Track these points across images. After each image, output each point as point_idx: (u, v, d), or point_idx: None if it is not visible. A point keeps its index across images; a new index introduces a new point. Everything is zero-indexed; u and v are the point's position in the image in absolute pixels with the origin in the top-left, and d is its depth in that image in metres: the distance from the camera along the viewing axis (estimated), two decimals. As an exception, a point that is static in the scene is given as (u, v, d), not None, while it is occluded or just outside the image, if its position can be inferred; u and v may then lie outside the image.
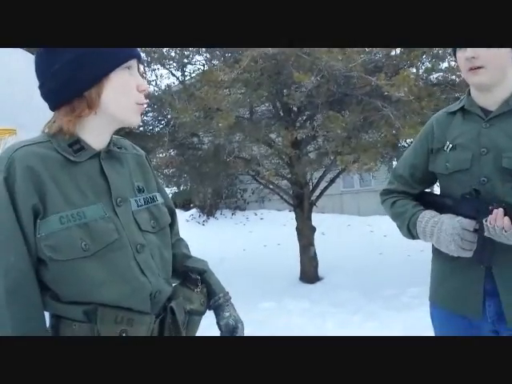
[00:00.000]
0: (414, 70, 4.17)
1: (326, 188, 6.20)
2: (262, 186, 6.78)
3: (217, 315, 1.17)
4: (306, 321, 4.20)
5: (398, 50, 4.37)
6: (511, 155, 1.26)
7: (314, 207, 6.20)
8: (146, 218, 1.05)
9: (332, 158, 5.00)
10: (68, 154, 0.97)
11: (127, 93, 0.98)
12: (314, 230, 6.07)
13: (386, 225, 9.97)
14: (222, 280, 1.24)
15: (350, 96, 4.27)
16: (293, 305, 4.75)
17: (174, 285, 1.13)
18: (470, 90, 1.39)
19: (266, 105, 5.28)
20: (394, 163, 8.59)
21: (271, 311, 4.54)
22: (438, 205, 1.39)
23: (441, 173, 1.40)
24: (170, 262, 1.11)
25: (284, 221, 9.18)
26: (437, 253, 1.41)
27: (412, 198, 1.48)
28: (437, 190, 1.57)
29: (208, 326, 1.26)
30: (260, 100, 4.75)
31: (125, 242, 0.98)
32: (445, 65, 4.29)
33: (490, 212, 1.21)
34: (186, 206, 11.18)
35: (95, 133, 1.01)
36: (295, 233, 6.10)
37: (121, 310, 0.95)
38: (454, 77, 4.31)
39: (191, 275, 1.15)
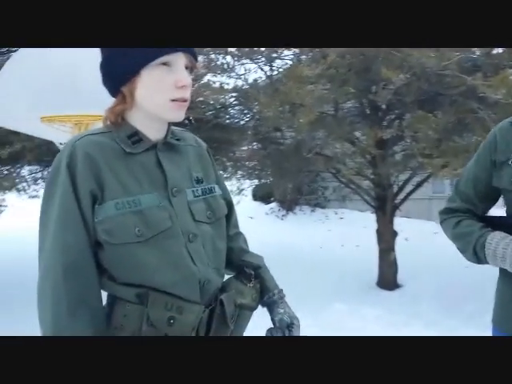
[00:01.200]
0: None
1: (411, 191, 5.91)
2: (342, 185, 6.63)
3: (271, 311, 1.16)
4: (379, 329, 4.04)
5: (500, 49, 4.02)
6: None
7: (398, 211, 5.94)
8: (201, 209, 1.06)
9: (420, 160, 4.74)
10: (126, 145, 1.01)
11: (160, 89, 0.98)
12: (395, 234, 5.83)
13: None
14: (296, 276, 1.24)
15: (442, 96, 4.01)
16: (366, 310, 4.60)
17: (228, 277, 1.14)
18: None
19: (353, 102, 5.13)
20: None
21: (343, 314, 4.44)
22: (506, 227, 1.25)
23: (506, 188, 1.27)
24: (224, 254, 1.12)
25: (365, 222, 8.91)
26: (504, 273, 1.29)
27: (476, 218, 1.35)
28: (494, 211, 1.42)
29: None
30: (346, 96, 4.62)
31: (177, 230, 1.00)
32: None
33: None
34: (266, 200, 11.29)
35: (148, 125, 1.03)
36: (375, 236, 5.90)
37: (171, 296, 0.97)
38: None
39: (246, 270, 1.15)
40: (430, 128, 3.97)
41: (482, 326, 4.07)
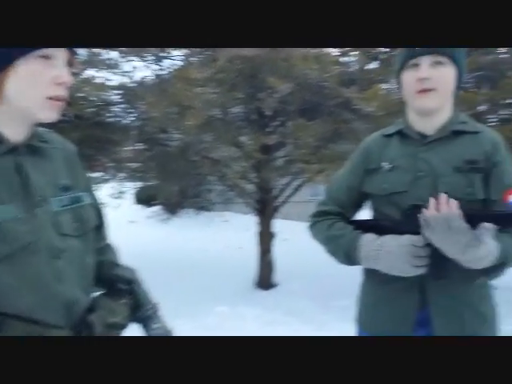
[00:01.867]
0: (388, 86, 4.25)
1: (291, 195, 6.24)
2: (227, 188, 6.75)
3: (145, 327, 1.11)
4: (258, 328, 4.17)
5: (375, 65, 4.46)
6: (447, 180, 1.26)
7: (279, 214, 6.22)
8: (68, 220, 0.95)
9: (299, 165, 5.04)
10: None
11: (36, 84, 0.87)
12: (273, 236, 6.09)
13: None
14: (178, 280, 1.21)
15: (321, 106, 4.31)
16: (245, 310, 4.71)
17: (97, 295, 1.04)
18: (406, 112, 1.37)
19: (240, 107, 5.27)
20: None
21: (224, 315, 4.49)
22: (375, 229, 1.31)
23: (377, 194, 1.34)
24: (92, 270, 1.02)
25: (248, 225, 9.18)
26: (369, 275, 1.36)
27: (346, 221, 1.40)
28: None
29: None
30: (234, 101, 4.73)
31: (40, 246, 0.88)
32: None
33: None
34: (149, 203, 11.01)
35: (9, 125, 0.91)
36: (256, 238, 6.11)
37: (31, 322, 0.86)
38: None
39: (117, 285, 1.08)
40: (310, 136, 4.25)
41: (353, 319, 4.46)
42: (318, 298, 5.17)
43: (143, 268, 1.28)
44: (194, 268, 6.47)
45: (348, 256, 1.31)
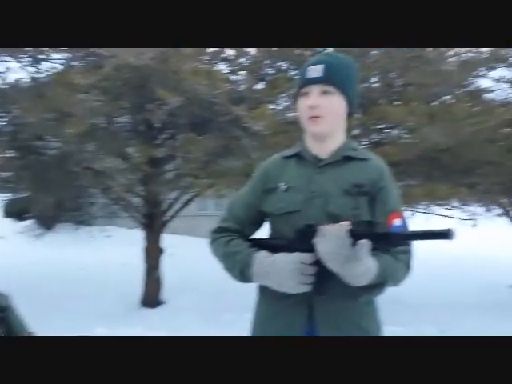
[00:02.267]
0: (273, 107, 4.41)
1: (180, 209, 6.13)
2: (111, 202, 6.40)
3: None
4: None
5: (261, 86, 4.61)
6: (336, 201, 1.33)
7: (166, 228, 6.07)
8: None
9: (189, 180, 4.98)
10: None
11: None
12: (162, 251, 5.92)
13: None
14: (54, 302, 1.09)
15: (212, 121, 4.32)
16: (127, 331, 4.47)
17: None
18: (303, 137, 1.44)
19: (127, 117, 5.05)
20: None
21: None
22: (270, 247, 1.36)
23: (272, 213, 1.40)
24: None
25: (133, 240, 8.81)
26: (262, 293, 1.41)
27: (245, 239, 1.44)
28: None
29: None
30: (120, 111, 4.52)
31: None
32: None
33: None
34: (20, 216, 10.00)
35: None
36: (142, 253, 5.88)
37: None
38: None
39: None
40: (200, 150, 4.22)
41: (237, 333, 4.49)
42: (206, 312, 5.13)
43: (14, 291, 1.14)
44: (73, 287, 6.00)
45: (242, 273, 1.35)
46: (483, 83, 5.39)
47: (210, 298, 5.85)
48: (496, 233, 9.98)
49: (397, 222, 1.34)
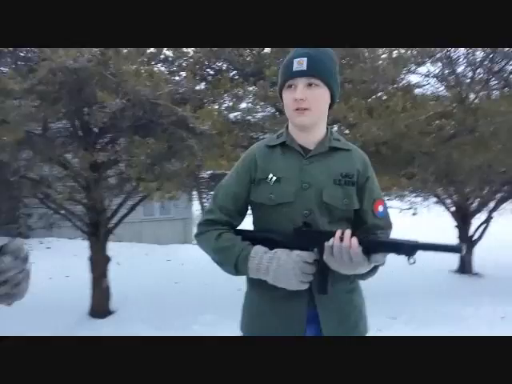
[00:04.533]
0: (217, 107, 4.41)
1: (125, 215, 5.96)
2: (50, 211, 6.09)
3: None
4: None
5: (203, 86, 4.59)
6: (328, 191, 1.39)
7: (111, 236, 5.87)
8: None
9: (134, 184, 4.86)
10: None
11: None
12: (108, 260, 5.73)
13: (184, 253, 10.15)
14: None
15: (155, 123, 4.24)
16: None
17: None
18: (287, 126, 1.47)
19: (64, 122, 4.85)
20: (194, 193, 8.85)
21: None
22: (263, 241, 1.37)
23: (264, 203, 1.41)
24: None
25: (75, 250, 8.47)
26: (252, 287, 1.43)
27: (234, 231, 1.45)
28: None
29: None
30: (56, 116, 4.33)
31: None
32: (243, 105, 4.67)
33: (333, 235, 1.28)
34: None
35: None
36: (88, 263, 5.66)
37: None
38: (250, 117, 4.71)
39: None
40: (144, 153, 4.13)
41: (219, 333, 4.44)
42: (157, 319, 5.04)
43: None
44: (15, 303, 5.65)
45: (236, 267, 1.36)
46: (414, 78, 5.72)
47: (160, 304, 5.75)
48: (434, 220, 10.59)
49: (380, 208, 1.44)
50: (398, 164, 4.20)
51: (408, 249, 1.27)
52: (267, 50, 4.79)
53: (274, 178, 1.40)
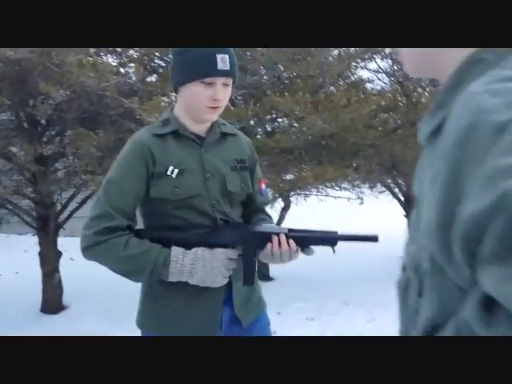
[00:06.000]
0: (167, 99, 4.40)
1: (75, 209, 5.84)
2: (-3, 207, 5.89)
3: None
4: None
5: (154, 78, 4.56)
6: (230, 179, 1.41)
7: (63, 230, 5.75)
8: None
9: (83, 177, 4.77)
10: None
11: None
12: (60, 254, 5.62)
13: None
14: None
15: (103, 115, 4.18)
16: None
17: None
18: (173, 112, 1.40)
19: (8, 114, 4.69)
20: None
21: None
22: (176, 241, 1.32)
23: (168, 198, 1.34)
24: None
25: (25, 246, 8.21)
26: (172, 287, 1.36)
27: (135, 234, 1.36)
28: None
29: None
30: (0, 107, 4.19)
31: None
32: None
33: (269, 239, 1.29)
34: None
35: None
36: (38, 259, 5.52)
37: None
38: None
39: None
40: (92, 145, 4.07)
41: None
42: (111, 313, 5.00)
43: None
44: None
45: (153, 273, 1.29)
46: (365, 74, 5.90)
47: (114, 298, 5.69)
48: (381, 209, 10.95)
49: (263, 186, 1.51)
50: (345, 156, 4.35)
51: (332, 240, 1.36)
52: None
53: (176, 170, 1.33)
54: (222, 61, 1.31)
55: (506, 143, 0.41)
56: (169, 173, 1.33)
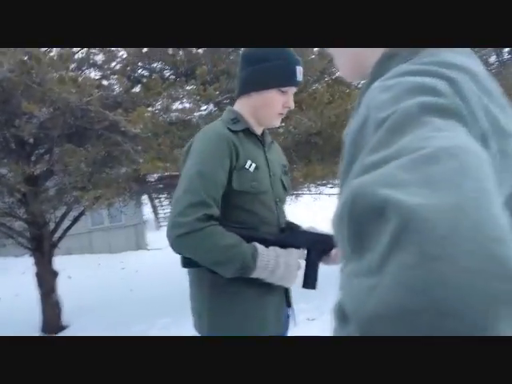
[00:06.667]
0: (150, 108, 4.39)
1: (69, 227, 5.82)
2: (-9, 230, 5.85)
3: None
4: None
5: (138, 88, 4.55)
6: (285, 180, 1.51)
7: (58, 249, 5.73)
8: None
9: (74, 194, 4.76)
10: None
11: None
12: (56, 274, 5.59)
13: (137, 259, 10.00)
14: None
15: (89, 130, 4.17)
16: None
17: None
18: (239, 112, 1.43)
19: (-6, 136, 4.67)
20: (143, 197, 8.72)
21: None
22: (252, 239, 1.32)
23: (247, 192, 1.35)
24: None
25: (23, 268, 8.18)
26: (245, 285, 1.34)
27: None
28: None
29: None
30: (-16, 130, 4.18)
31: None
32: (179, 106, 4.66)
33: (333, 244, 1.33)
34: None
35: None
36: (35, 280, 5.50)
37: None
38: (187, 117, 4.71)
39: None
40: (81, 161, 4.06)
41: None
42: (112, 328, 4.97)
43: None
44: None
45: (244, 265, 1.27)
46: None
47: (115, 312, 5.67)
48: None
49: None
50: (333, 152, 4.35)
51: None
52: (200, 50, 4.81)
53: (254, 165, 1.37)
54: (299, 72, 1.40)
55: (375, 140, 0.41)
56: (247, 166, 1.36)
